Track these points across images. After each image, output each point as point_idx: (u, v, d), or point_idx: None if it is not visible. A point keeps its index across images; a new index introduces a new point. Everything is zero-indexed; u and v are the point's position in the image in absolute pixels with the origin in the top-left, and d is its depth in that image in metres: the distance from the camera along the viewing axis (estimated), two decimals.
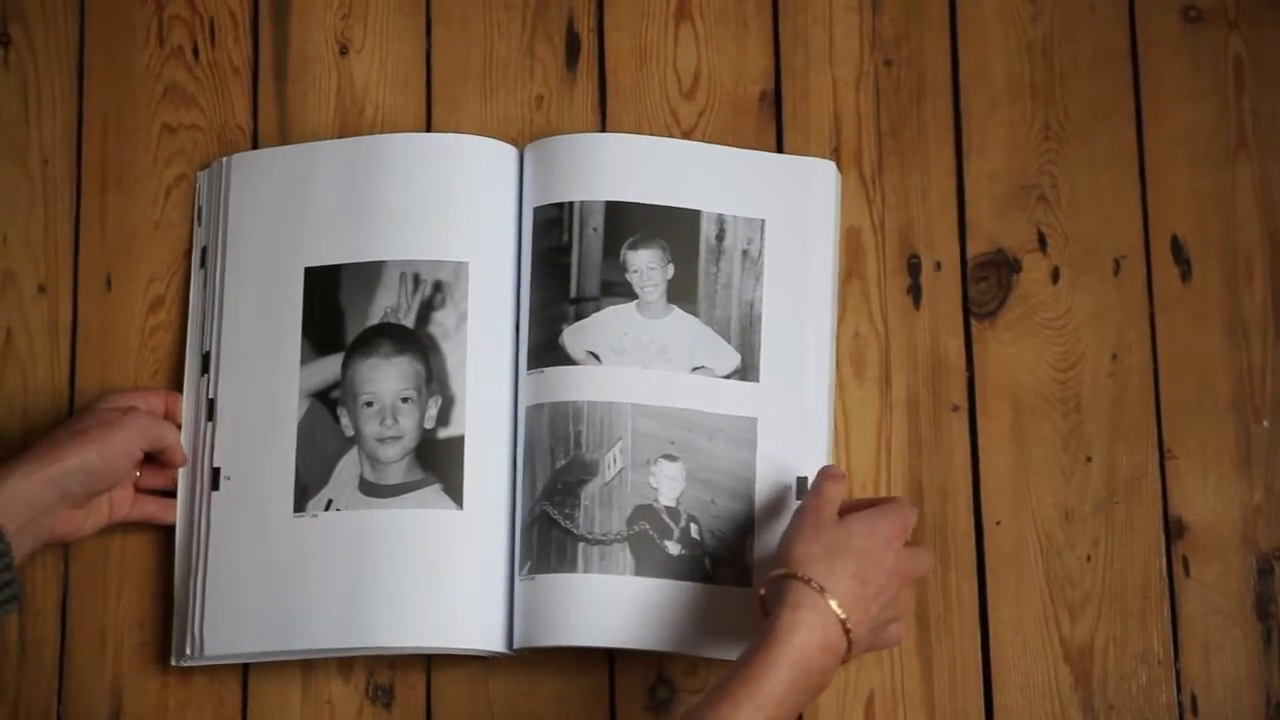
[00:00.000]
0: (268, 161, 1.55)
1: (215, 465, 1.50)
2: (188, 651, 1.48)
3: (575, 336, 1.48)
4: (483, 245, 1.51)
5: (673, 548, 1.46)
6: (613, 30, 1.59)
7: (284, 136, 1.58)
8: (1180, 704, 1.47)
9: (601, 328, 1.48)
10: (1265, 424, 1.50)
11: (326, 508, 1.48)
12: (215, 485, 1.50)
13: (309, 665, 1.50)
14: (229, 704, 1.50)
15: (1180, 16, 1.57)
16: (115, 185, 1.58)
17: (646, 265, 1.49)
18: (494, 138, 1.54)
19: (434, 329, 1.49)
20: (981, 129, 1.56)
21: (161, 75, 1.60)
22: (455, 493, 1.47)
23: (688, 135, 1.56)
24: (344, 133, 1.58)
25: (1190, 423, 1.51)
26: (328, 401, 1.49)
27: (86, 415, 1.46)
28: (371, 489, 1.48)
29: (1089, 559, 1.49)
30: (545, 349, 1.48)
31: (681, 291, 1.49)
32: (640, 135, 1.55)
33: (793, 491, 1.47)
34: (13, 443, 1.51)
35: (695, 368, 1.48)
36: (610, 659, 1.49)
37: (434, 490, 1.47)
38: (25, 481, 1.40)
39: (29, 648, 1.51)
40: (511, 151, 1.54)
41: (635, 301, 1.49)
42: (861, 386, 1.52)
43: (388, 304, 1.50)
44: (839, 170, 1.54)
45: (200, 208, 1.57)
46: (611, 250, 1.49)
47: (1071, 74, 1.56)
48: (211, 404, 1.51)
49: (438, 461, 1.47)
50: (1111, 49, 1.57)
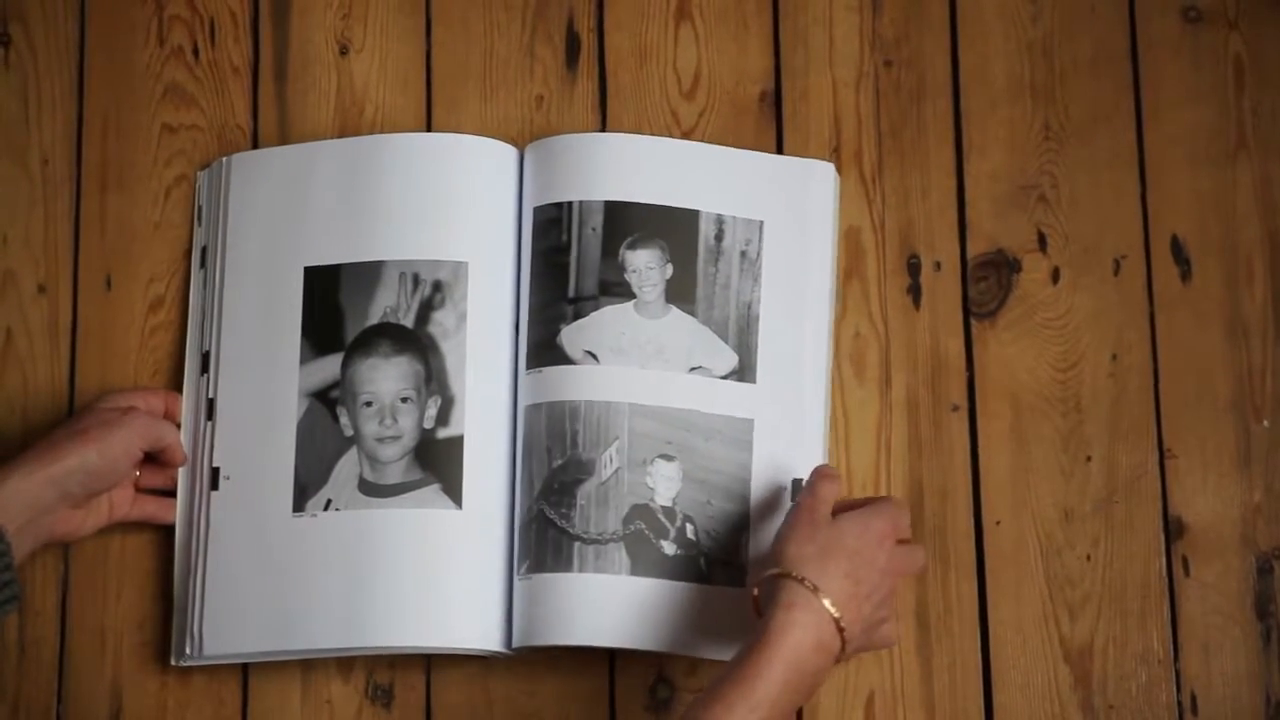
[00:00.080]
0: (267, 161, 1.55)
1: (214, 465, 1.50)
2: (187, 651, 1.48)
3: (573, 336, 1.48)
4: (482, 245, 1.51)
5: (668, 548, 1.46)
6: (613, 30, 1.59)
7: (284, 136, 1.58)
8: (1180, 704, 1.47)
9: (599, 327, 1.48)
10: (1265, 424, 1.50)
11: (326, 507, 1.48)
12: (214, 485, 1.50)
13: (309, 665, 1.50)
14: (229, 704, 1.50)
15: (1180, 17, 1.56)
16: (115, 185, 1.58)
17: (645, 265, 1.49)
18: (494, 138, 1.54)
19: (433, 329, 1.49)
20: (981, 129, 1.56)
21: (161, 75, 1.60)
22: (454, 492, 1.47)
23: (688, 135, 1.56)
24: (344, 133, 1.57)
25: (1190, 422, 1.51)
26: (327, 401, 1.49)
27: (86, 415, 1.46)
28: (371, 489, 1.48)
29: (1089, 559, 1.49)
30: (544, 349, 1.48)
31: (680, 291, 1.49)
32: (640, 135, 1.55)
33: (788, 493, 1.47)
34: (13, 443, 1.51)
35: (693, 368, 1.48)
36: (610, 659, 1.49)
37: (433, 490, 1.47)
38: (25, 481, 1.40)
39: (29, 648, 1.51)
40: (511, 151, 1.54)
41: (633, 301, 1.48)
42: (861, 386, 1.52)
43: (387, 304, 1.50)
44: (839, 170, 1.54)
45: (200, 207, 1.57)
46: (610, 250, 1.49)
47: (1071, 74, 1.56)
48: (211, 404, 1.51)
49: (437, 461, 1.47)
50: (1111, 49, 1.56)
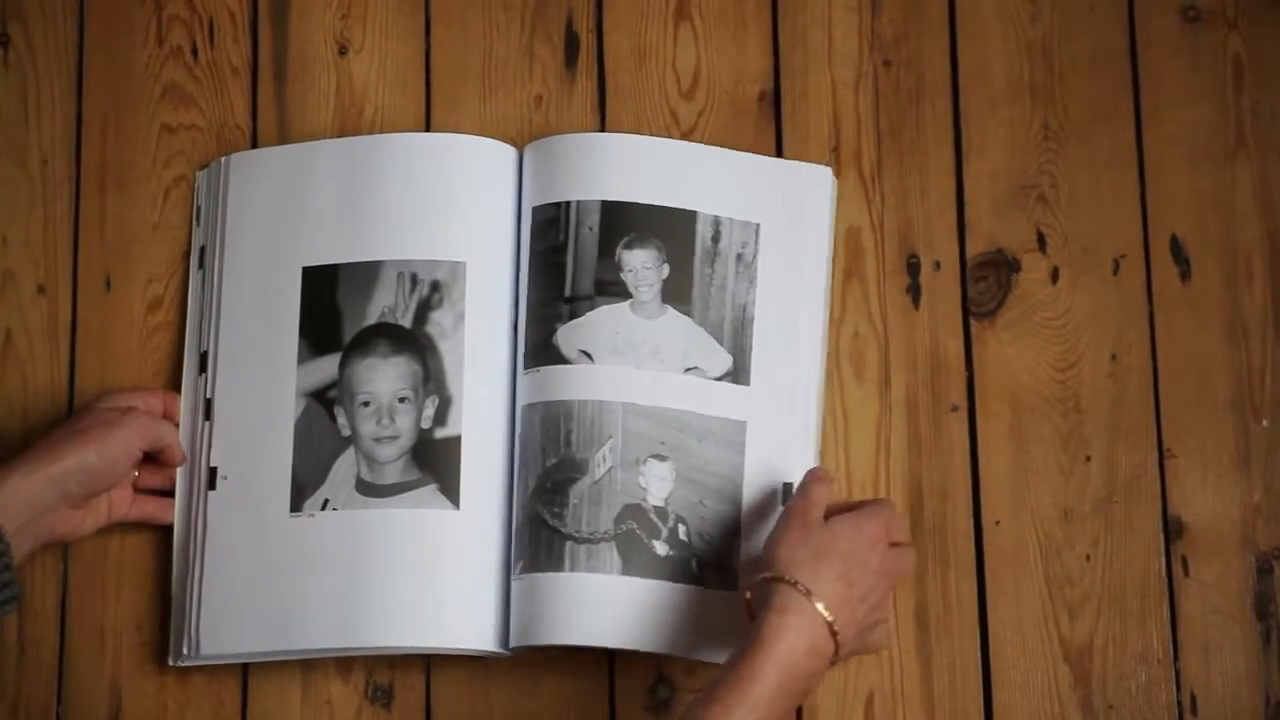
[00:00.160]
0: (266, 161, 1.55)
1: (212, 465, 1.50)
2: (184, 651, 1.48)
3: (568, 335, 1.48)
4: (480, 245, 1.51)
5: (660, 548, 1.45)
6: (612, 30, 1.59)
7: (283, 137, 1.58)
8: (1180, 703, 1.47)
9: (595, 327, 1.48)
10: (1264, 423, 1.50)
11: (323, 507, 1.48)
12: (212, 485, 1.50)
13: (308, 666, 1.50)
14: (228, 704, 1.50)
15: (1179, 16, 1.56)
16: (114, 186, 1.58)
17: (641, 265, 1.49)
18: (493, 138, 1.54)
19: (431, 329, 1.49)
20: (981, 129, 1.56)
21: (161, 75, 1.60)
22: (451, 493, 1.47)
23: (687, 135, 1.56)
24: (343, 133, 1.57)
25: (1189, 422, 1.51)
26: (325, 401, 1.49)
27: (85, 415, 1.46)
28: (368, 489, 1.47)
29: (1088, 558, 1.49)
30: (541, 348, 1.48)
31: (676, 292, 1.49)
32: (639, 135, 1.54)
33: (779, 498, 1.47)
34: (13, 443, 1.51)
35: (688, 369, 1.48)
36: (610, 659, 1.49)
37: (430, 490, 1.47)
38: (24, 481, 1.40)
39: (28, 648, 1.51)
40: (510, 151, 1.54)
41: (629, 301, 1.48)
42: (861, 386, 1.52)
43: (385, 304, 1.50)
44: (839, 170, 1.54)
45: (199, 207, 1.57)
46: (607, 250, 1.49)
47: (1071, 74, 1.56)
48: (209, 403, 1.51)
49: (434, 461, 1.47)
50: (1111, 49, 1.56)
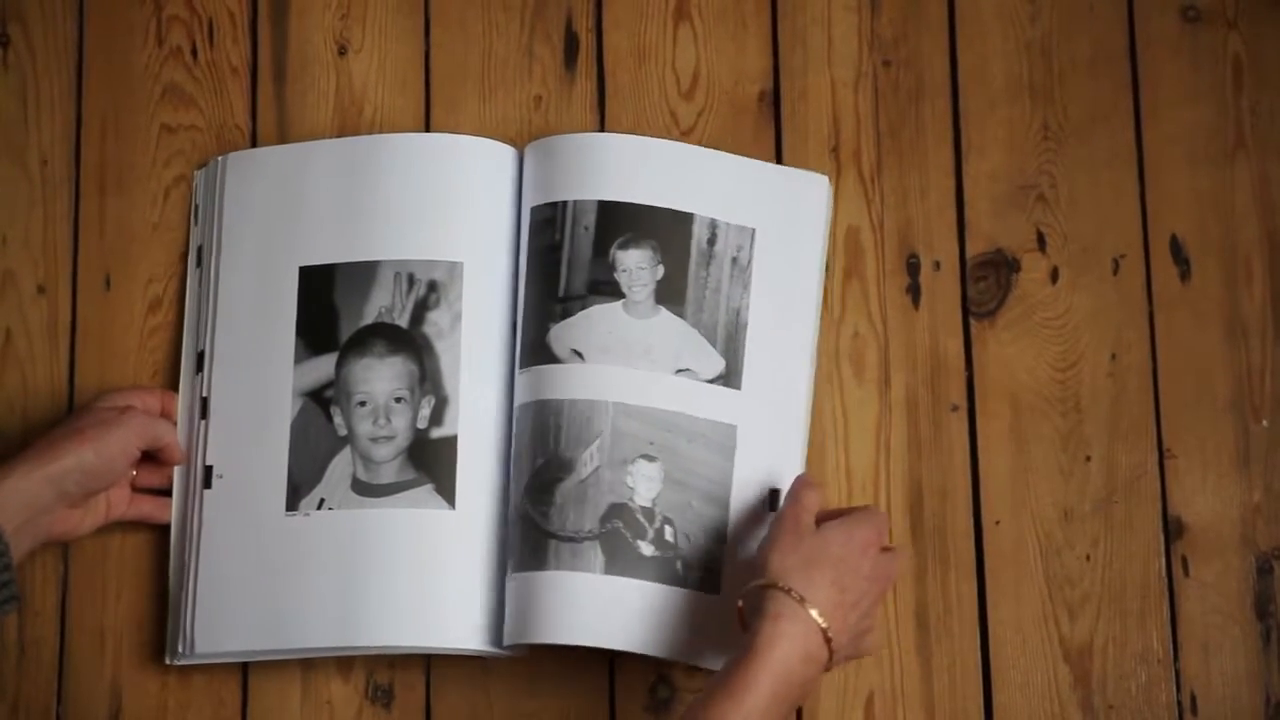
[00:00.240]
0: (263, 160, 1.55)
1: (208, 464, 1.50)
2: (179, 649, 1.48)
3: (561, 334, 1.48)
4: (478, 245, 1.51)
5: (645, 548, 1.45)
6: (611, 30, 1.59)
7: (283, 137, 1.58)
8: (1180, 703, 1.47)
9: (587, 326, 1.47)
10: (1264, 423, 1.50)
11: (319, 507, 1.48)
12: (208, 484, 1.50)
13: (308, 665, 1.50)
14: (228, 704, 1.51)
15: (1179, 16, 1.56)
16: (114, 186, 1.58)
17: (636, 265, 1.49)
18: (493, 138, 1.54)
19: (428, 329, 1.49)
20: (980, 129, 1.56)
21: (160, 76, 1.60)
22: (447, 493, 1.47)
23: (686, 135, 1.56)
24: (343, 133, 1.58)
25: (1189, 422, 1.51)
26: (321, 401, 1.49)
27: (84, 415, 1.46)
28: (364, 488, 1.48)
29: (1088, 558, 1.49)
30: (535, 348, 1.48)
31: (670, 293, 1.49)
32: (638, 136, 1.54)
33: (767, 503, 1.47)
34: (12, 443, 1.51)
35: (679, 370, 1.48)
36: (610, 659, 1.49)
37: (426, 490, 1.47)
38: (23, 481, 1.40)
39: (28, 648, 1.52)
40: (509, 151, 1.54)
41: (622, 301, 1.48)
42: (861, 386, 1.52)
43: (382, 304, 1.50)
44: (839, 170, 1.54)
45: (196, 207, 1.57)
46: (601, 249, 1.49)
47: (1070, 74, 1.56)
48: (205, 402, 1.52)
49: (430, 461, 1.47)
50: (1110, 49, 1.56)
